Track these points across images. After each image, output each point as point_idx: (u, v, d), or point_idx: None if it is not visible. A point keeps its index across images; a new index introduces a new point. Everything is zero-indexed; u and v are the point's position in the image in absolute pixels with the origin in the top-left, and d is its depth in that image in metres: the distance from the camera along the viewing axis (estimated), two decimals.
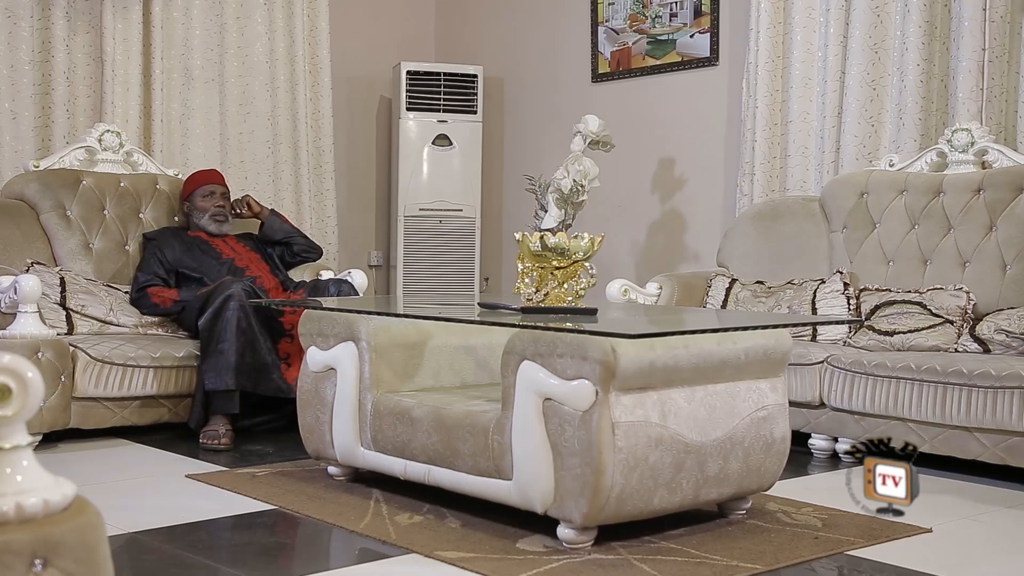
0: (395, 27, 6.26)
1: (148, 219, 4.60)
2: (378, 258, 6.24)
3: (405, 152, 5.85)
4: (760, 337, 2.77)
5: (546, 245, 3.02)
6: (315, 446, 3.22)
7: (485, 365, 3.26)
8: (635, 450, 2.46)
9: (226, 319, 3.83)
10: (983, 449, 3.27)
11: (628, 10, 5.48)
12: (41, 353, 3.58)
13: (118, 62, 4.96)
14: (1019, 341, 3.54)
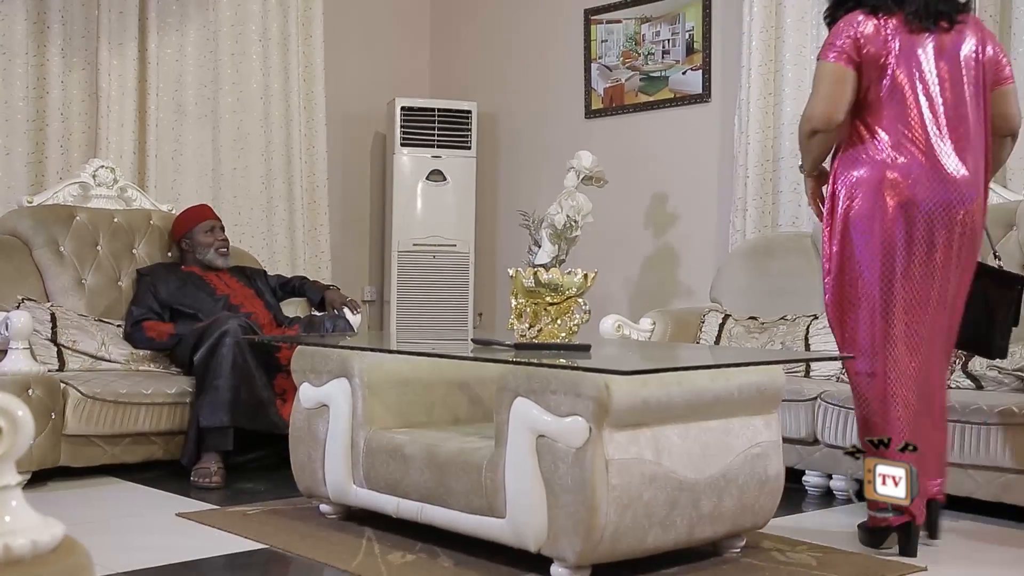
0: (390, 63, 6.30)
1: (141, 255, 4.60)
2: (372, 293, 6.23)
3: (399, 187, 5.87)
4: (754, 373, 2.77)
5: (540, 281, 3.02)
6: (307, 484, 3.20)
7: (479, 401, 3.25)
8: (629, 488, 2.45)
9: (222, 355, 3.81)
10: (977, 486, 3.26)
11: (621, 47, 5.52)
12: (31, 390, 3.56)
13: (113, 98, 4.98)
14: (1012, 378, 3.54)
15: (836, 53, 2.78)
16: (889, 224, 2.77)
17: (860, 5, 2.83)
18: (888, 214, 2.77)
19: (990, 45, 2.89)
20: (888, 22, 2.79)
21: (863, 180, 2.79)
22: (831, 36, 2.83)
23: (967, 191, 2.81)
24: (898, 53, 2.78)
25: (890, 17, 2.79)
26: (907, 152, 2.78)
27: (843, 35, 2.79)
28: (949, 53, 2.81)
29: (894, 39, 2.79)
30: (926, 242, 2.78)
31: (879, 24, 2.79)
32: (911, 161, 2.77)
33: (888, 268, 2.79)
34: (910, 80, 2.78)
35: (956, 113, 2.81)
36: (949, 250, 2.81)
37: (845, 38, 2.78)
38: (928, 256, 2.79)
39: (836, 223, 2.85)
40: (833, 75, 2.78)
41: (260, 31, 5.41)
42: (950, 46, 2.81)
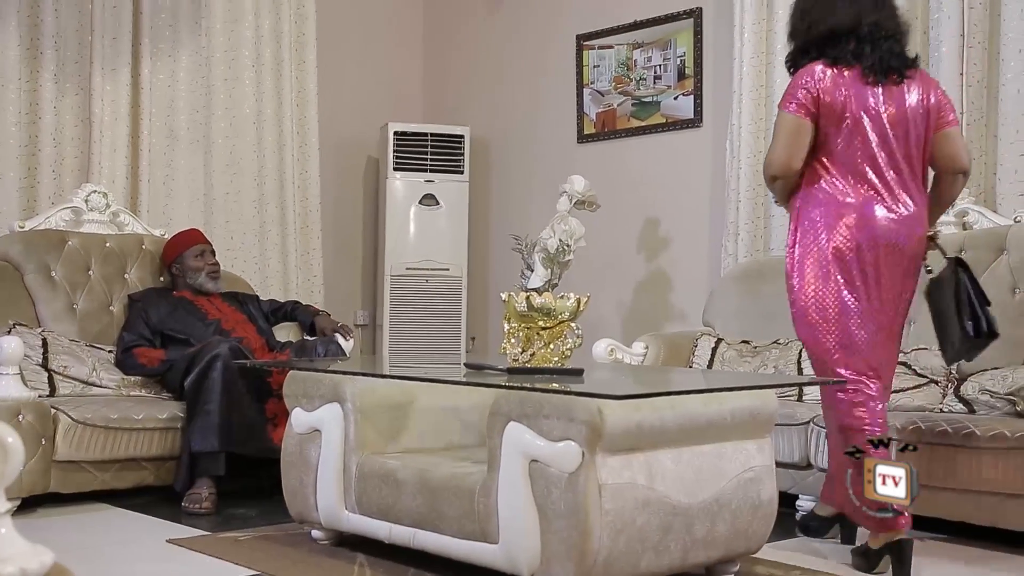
0: (383, 88, 6.32)
1: (133, 279, 4.59)
2: (364, 317, 6.23)
3: (392, 211, 5.87)
4: (747, 398, 2.77)
5: (532, 305, 3.02)
6: (299, 509, 3.18)
7: (471, 426, 3.25)
8: (622, 512, 2.44)
9: (212, 379, 3.80)
10: (970, 511, 3.25)
11: (613, 72, 5.54)
12: (22, 416, 3.54)
13: (106, 123, 4.98)
14: (1003, 401, 3.54)
15: (795, 105, 3.00)
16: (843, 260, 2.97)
17: (821, 56, 3.03)
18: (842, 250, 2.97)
19: (934, 93, 3.10)
20: (845, 73, 3.00)
21: (820, 218, 3.01)
22: (792, 87, 3.03)
23: (915, 228, 3.03)
24: (854, 102, 3.00)
25: (848, 69, 3.01)
26: (860, 192, 2.99)
27: (802, 88, 3.00)
28: (898, 102, 3.03)
29: (851, 89, 3.00)
30: (875, 276, 2.99)
31: (836, 75, 3.00)
32: (864, 201, 2.98)
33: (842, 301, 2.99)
34: (864, 126, 3.00)
35: (904, 156, 3.03)
36: (895, 282, 3.02)
37: (804, 91, 3.00)
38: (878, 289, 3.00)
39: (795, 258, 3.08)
40: (792, 126, 3.00)
41: (253, 56, 5.43)
42: (898, 96, 3.03)
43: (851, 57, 3.00)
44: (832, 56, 3.00)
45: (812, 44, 3.07)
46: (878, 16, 3.04)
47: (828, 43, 3.03)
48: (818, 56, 3.03)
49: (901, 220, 2.99)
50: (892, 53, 3.03)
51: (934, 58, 4.25)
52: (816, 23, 3.06)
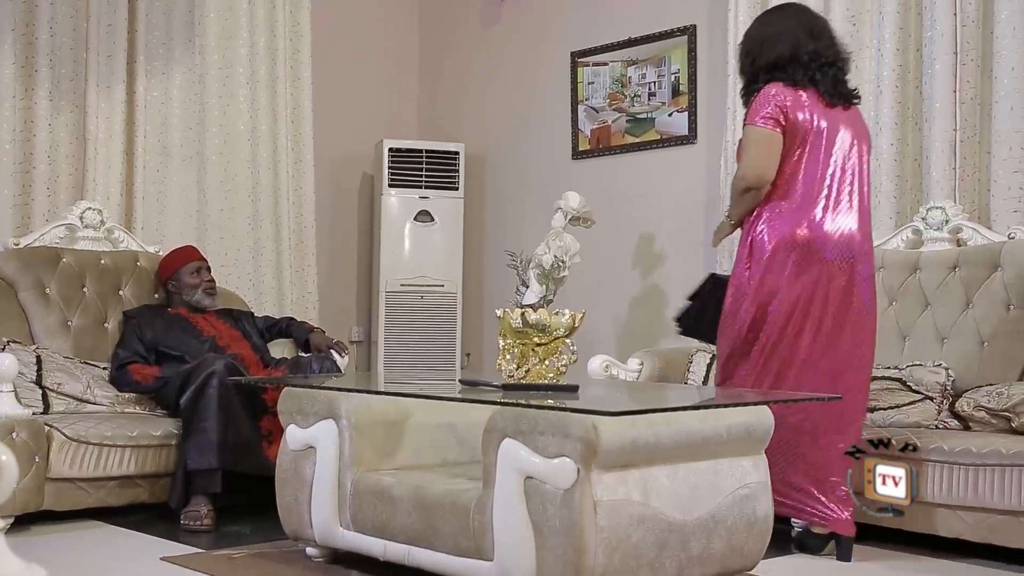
0: (378, 105, 6.33)
1: (128, 296, 4.59)
2: (359, 333, 6.22)
3: (387, 228, 5.88)
4: (742, 414, 2.77)
5: (527, 321, 3.02)
6: (293, 526, 3.17)
7: (466, 443, 3.24)
8: (617, 529, 2.44)
9: (208, 397, 3.79)
10: (966, 528, 3.25)
11: (608, 89, 5.56)
12: (16, 433, 3.53)
13: (100, 140, 4.99)
14: (999, 418, 3.54)
15: (764, 119, 3.16)
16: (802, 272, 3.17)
17: (776, 79, 3.21)
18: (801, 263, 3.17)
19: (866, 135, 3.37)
20: (803, 94, 3.20)
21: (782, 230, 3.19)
22: (758, 104, 3.19)
23: (865, 244, 3.26)
24: (816, 122, 3.20)
25: (805, 90, 3.20)
26: (819, 209, 3.18)
27: (770, 103, 3.17)
28: (846, 127, 3.25)
29: (813, 109, 3.20)
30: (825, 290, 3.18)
31: (797, 95, 3.19)
32: (822, 218, 3.18)
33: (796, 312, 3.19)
34: (823, 146, 3.20)
35: (855, 175, 3.25)
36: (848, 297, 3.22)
37: (772, 106, 3.16)
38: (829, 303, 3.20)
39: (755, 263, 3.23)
40: (764, 139, 3.16)
41: (248, 73, 5.44)
42: (846, 122, 3.26)
43: (806, 80, 3.19)
44: (790, 79, 3.18)
45: (759, 73, 3.28)
46: (816, 45, 3.25)
47: (775, 69, 3.23)
48: (769, 80, 3.21)
49: (851, 238, 3.21)
50: (837, 80, 3.25)
51: (927, 75, 4.27)
52: (759, 56, 3.29)
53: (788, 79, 3.19)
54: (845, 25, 4.47)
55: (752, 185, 3.19)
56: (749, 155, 3.18)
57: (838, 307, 3.21)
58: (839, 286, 3.20)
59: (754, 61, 3.31)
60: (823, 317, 3.19)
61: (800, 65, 3.21)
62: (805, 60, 3.22)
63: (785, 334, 3.21)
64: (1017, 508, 3.13)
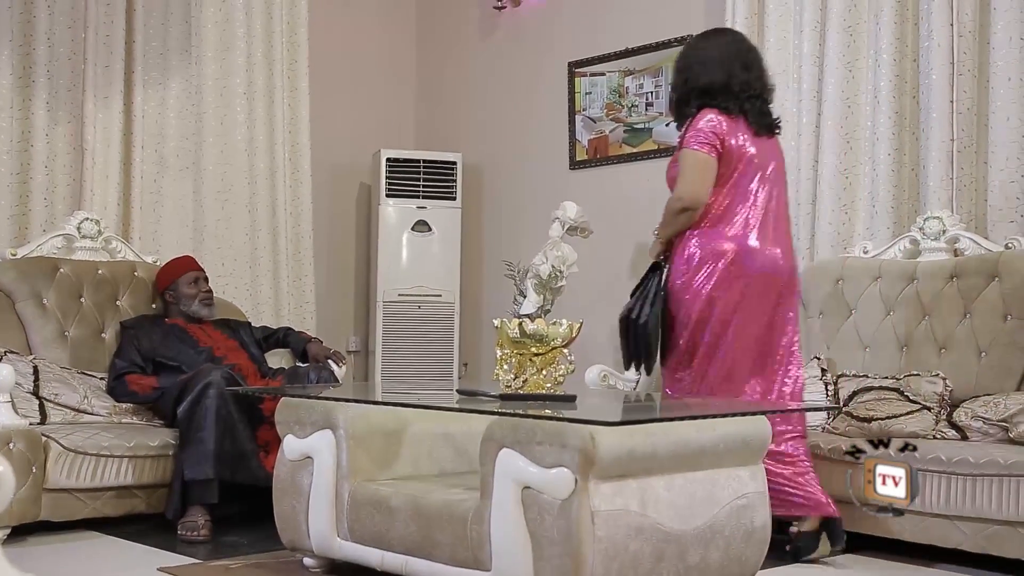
0: (375, 115, 6.34)
1: (125, 306, 4.58)
2: (357, 344, 6.22)
3: (384, 238, 5.88)
4: (739, 424, 2.77)
5: (525, 331, 3.02)
6: (291, 536, 3.16)
7: (464, 453, 3.24)
8: (615, 539, 2.43)
9: (205, 407, 3.79)
10: (964, 538, 3.25)
11: (605, 99, 5.57)
12: (13, 444, 3.52)
13: (98, 151, 4.99)
14: (996, 428, 3.54)
15: (700, 144, 3.34)
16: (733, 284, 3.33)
17: (703, 107, 3.38)
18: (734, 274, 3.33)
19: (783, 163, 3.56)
20: (736, 122, 3.37)
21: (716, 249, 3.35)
22: (694, 129, 3.36)
23: (791, 262, 3.45)
24: (747, 149, 3.38)
25: (735, 119, 3.38)
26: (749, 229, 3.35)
27: (706, 128, 3.34)
28: (771, 156, 3.44)
29: (745, 136, 3.38)
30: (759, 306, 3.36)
31: (730, 122, 3.37)
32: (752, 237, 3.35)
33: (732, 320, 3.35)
34: (753, 172, 3.38)
35: (778, 199, 3.44)
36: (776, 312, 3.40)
37: (708, 132, 3.34)
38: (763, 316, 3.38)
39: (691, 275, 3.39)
40: (700, 163, 3.34)
41: (245, 84, 5.44)
42: (771, 151, 3.45)
43: (736, 109, 3.37)
44: (722, 106, 3.36)
45: (690, 95, 3.45)
46: (748, 76, 3.43)
47: (705, 95, 3.40)
48: (700, 107, 3.39)
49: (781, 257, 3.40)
50: (763, 111, 3.44)
51: (924, 86, 4.28)
52: (692, 79, 3.45)
53: (721, 107, 3.37)
54: (842, 35, 4.49)
55: (688, 207, 3.36)
56: (686, 178, 3.35)
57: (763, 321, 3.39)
58: (769, 301, 3.38)
59: (687, 81, 3.47)
60: (748, 326, 3.37)
61: (732, 95, 3.39)
62: (736, 90, 3.40)
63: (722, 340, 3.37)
64: (1015, 518, 3.13)
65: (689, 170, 3.36)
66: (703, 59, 3.47)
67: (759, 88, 3.47)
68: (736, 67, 3.42)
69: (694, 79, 3.44)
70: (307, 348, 4.60)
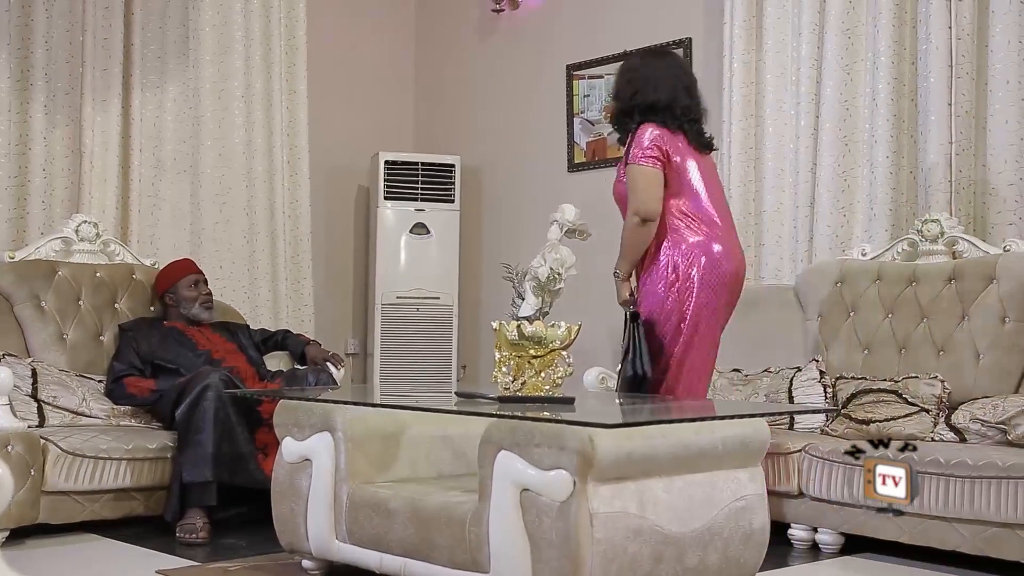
0: (373, 117, 6.34)
1: (124, 309, 4.58)
2: (355, 346, 6.22)
3: (383, 240, 5.88)
4: (738, 426, 2.77)
5: (523, 334, 3.03)
6: (289, 539, 3.16)
7: (462, 455, 3.24)
8: (613, 541, 2.43)
9: (203, 409, 3.79)
10: (962, 540, 3.25)
11: (603, 102, 5.57)
12: (11, 446, 3.52)
13: (96, 154, 4.98)
14: (995, 430, 3.55)
15: (647, 159, 3.47)
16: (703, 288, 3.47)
17: (645, 120, 3.51)
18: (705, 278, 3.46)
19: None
20: (676, 136, 3.52)
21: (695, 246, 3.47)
22: (637, 144, 3.48)
23: (743, 263, 3.63)
24: (690, 160, 3.52)
25: (675, 133, 3.53)
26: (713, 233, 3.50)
27: (651, 143, 3.47)
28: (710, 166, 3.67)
29: (685, 150, 3.53)
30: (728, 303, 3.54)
31: (671, 136, 3.51)
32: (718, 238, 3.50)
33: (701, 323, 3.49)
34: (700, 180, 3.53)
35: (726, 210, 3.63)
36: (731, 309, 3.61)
37: (653, 146, 3.48)
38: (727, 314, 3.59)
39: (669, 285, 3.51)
40: (650, 176, 3.47)
41: (243, 87, 5.44)
42: (708, 162, 3.65)
43: (675, 126, 3.53)
44: (661, 121, 3.51)
45: (635, 109, 3.58)
46: (689, 102, 3.60)
47: (649, 111, 3.53)
48: (642, 121, 3.53)
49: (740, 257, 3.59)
50: (700, 132, 3.62)
51: (923, 88, 4.29)
52: (640, 92, 3.57)
53: (661, 122, 3.52)
54: (840, 38, 4.49)
55: (645, 217, 3.49)
56: (638, 192, 3.48)
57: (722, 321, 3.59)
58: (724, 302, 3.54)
59: (634, 95, 3.59)
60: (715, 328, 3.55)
61: (673, 115, 3.54)
62: (677, 112, 3.55)
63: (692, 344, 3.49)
64: (1013, 520, 3.13)
65: (639, 184, 3.49)
66: (651, 77, 3.60)
67: (697, 114, 3.64)
68: (680, 91, 3.59)
69: (642, 95, 3.57)
70: (305, 351, 4.60)
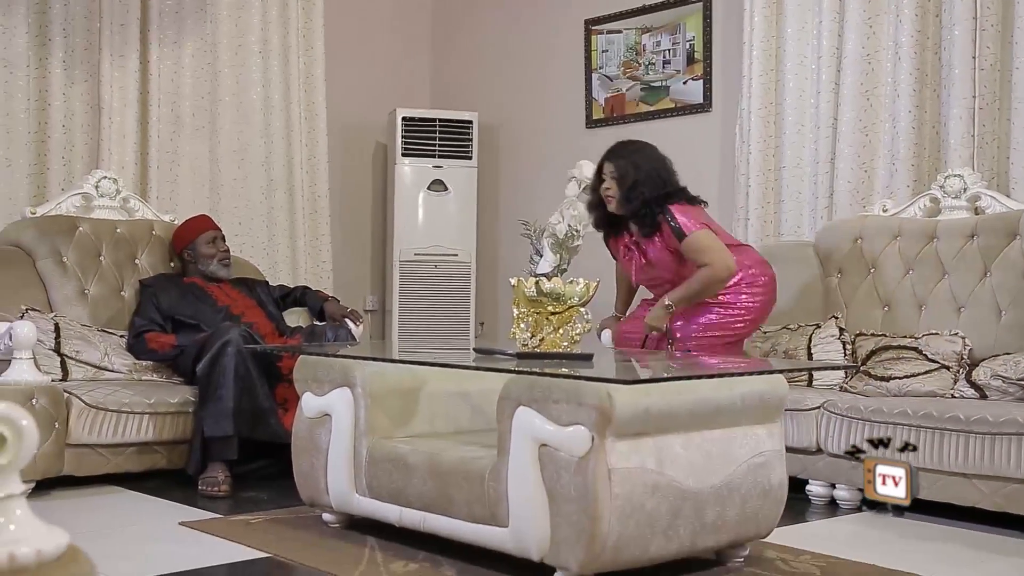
0: (391, 74, 6.31)
1: (144, 265, 4.60)
2: (374, 303, 6.24)
3: (401, 197, 5.87)
4: (756, 383, 2.77)
5: (541, 290, 3.02)
6: (310, 493, 3.19)
7: (480, 411, 3.25)
8: (631, 497, 2.45)
9: (224, 365, 3.81)
10: (981, 496, 3.25)
11: (622, 57, 5.53)
12: (35, 400, 3.56)
13: (115, 110, 4.99)
14: (1016, 387, 3.53)
15: (699, 225, 3.91)
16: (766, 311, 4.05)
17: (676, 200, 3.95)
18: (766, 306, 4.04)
19: None
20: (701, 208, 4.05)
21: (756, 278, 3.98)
22: (687, 217, 3.91)
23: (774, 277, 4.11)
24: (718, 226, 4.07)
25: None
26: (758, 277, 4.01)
27: (696, 215, 3.95)
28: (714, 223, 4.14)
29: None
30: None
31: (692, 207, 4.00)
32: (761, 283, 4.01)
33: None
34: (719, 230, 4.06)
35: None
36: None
37: (704, 216, 4.00)
38: None
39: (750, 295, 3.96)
40: (712, 239, 3.91)
41: (260, 43, 5.42)
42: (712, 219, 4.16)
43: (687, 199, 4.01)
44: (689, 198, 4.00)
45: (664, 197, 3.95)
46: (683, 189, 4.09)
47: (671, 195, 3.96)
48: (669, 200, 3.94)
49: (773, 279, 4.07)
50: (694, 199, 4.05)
51: (946, 41, 4.23)
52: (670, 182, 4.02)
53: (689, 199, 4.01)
54: None
55: (733, 272, 3.89)
56: (715, 253, 3.86)
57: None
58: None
59: (666, 184, 3.99)
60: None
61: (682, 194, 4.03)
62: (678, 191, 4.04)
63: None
64: None
65: (708, 248, 3.87)
66: (664, 166, 4.06)
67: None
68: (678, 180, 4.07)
69: (670, 182, 4.01)
70: (324, 307, 4.61)
